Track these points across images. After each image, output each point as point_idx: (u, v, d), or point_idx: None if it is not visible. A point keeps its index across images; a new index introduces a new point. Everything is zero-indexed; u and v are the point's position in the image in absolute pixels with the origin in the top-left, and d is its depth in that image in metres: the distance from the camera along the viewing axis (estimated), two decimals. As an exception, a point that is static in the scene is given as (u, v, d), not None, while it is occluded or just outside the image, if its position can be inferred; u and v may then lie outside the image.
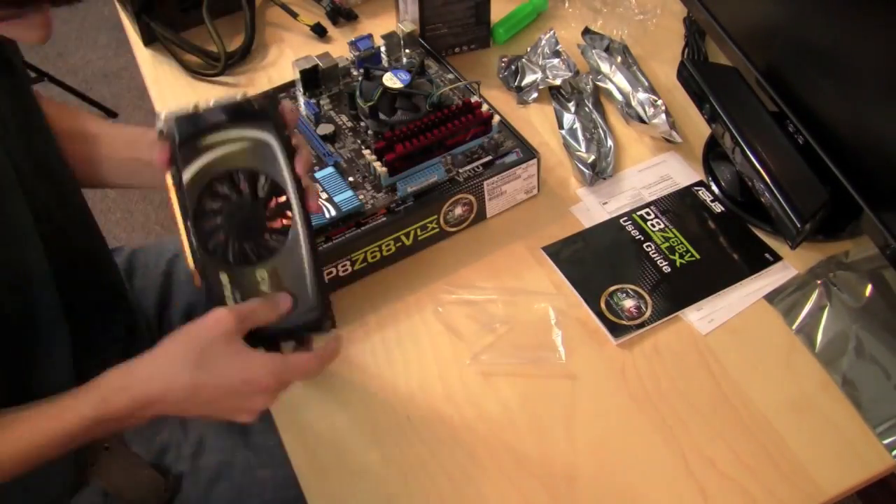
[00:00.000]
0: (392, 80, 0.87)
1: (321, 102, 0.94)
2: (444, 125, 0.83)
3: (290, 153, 0.65)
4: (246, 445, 0.84)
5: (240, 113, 0.64)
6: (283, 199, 0.65)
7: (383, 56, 0.96)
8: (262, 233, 0.64)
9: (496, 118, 0.87)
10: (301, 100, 0.94)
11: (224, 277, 0.63)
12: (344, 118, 0.92)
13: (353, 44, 0.96)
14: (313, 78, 0.94)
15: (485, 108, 0.86)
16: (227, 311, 0.62)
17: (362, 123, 0.91)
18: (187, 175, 0.63)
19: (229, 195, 0.64)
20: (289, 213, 0.65)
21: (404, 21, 1.00)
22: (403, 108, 0.87)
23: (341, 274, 0.83)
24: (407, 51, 0.98)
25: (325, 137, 0.89)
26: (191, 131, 0.63)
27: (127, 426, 0.65)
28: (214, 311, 0.62)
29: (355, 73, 0.96)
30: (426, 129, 0.83)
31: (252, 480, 0.83)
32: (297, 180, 0.65)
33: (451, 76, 0.95)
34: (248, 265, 0.64)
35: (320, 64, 0.93)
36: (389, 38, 0.96)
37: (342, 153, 0.88)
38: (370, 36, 0.96)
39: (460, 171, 0.86)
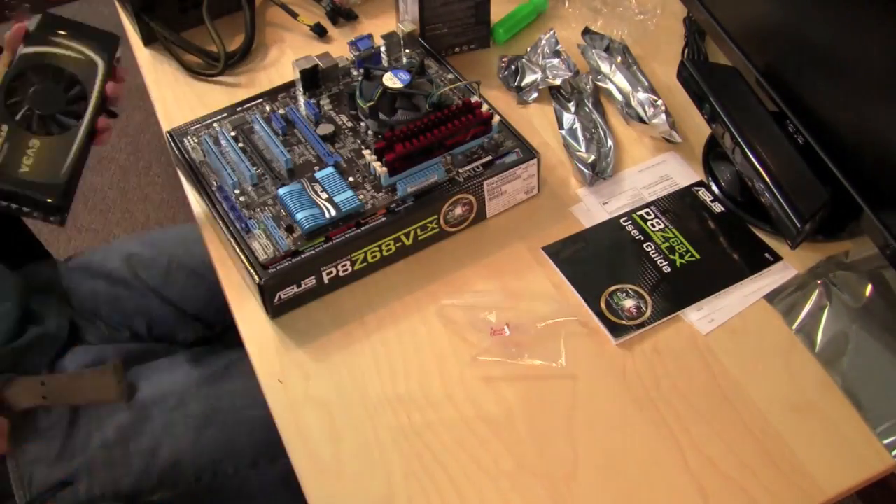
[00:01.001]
0: (392, 80, 0.87)
1: (321, 102, 0.94)
2: (444, 125, 0.83)
3: (107, 78, 0.82)
4: (232, 391, 0.85)
5: (91, 35, 0.84)
6: (83, 104, 0.81)
7: (383, 56, 0.96)
8: (53, 115, 0.78)
9: (496, 118, 0.87)
10: (301, 100, 0.94)
11: (4, 128, 0.76)
12: (344, 118, 0.92)
13: (353, 44, 0.96)
14: (313, 78, 0.94)
15: (485, 108, 0.86)
16: None
17: (362, 123, 0.91)
18: (27, 50, 0.80)
19: (46, 80, 0.80)
20: (81, 116, 0.80)
21: (404, 21, 1.00)
22: (403, 108, 0.87)
23: (341, 274, 0.83)
24: (407, 51, 0.98)
25: (325, 137, 0.89)
26: (50, 24, 0.82)
27: None
28: None
29: (355, 73, 0.96)
30: (426, 129, 0.83)
31: (240, 421, 0.84)
32: (101, 98, 0.81)
33: (451, 76, 0.95)
34: (29, 131, 0.77)
35: (320, 64, 0.93)
36: (389, 38, 0.96)
37: (342, 153, 0.88)
38: (370, 36, 0.96)
39: (460, 171, 0.86)
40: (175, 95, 1.06)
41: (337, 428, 0.75)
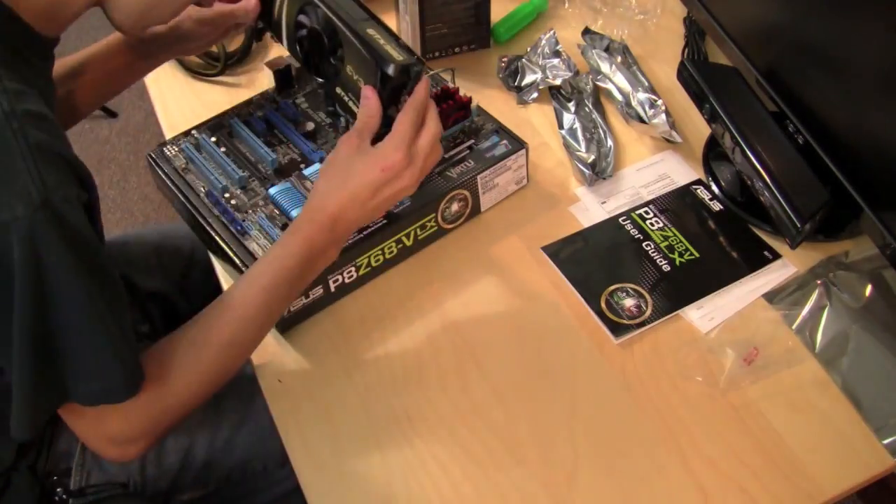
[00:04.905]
0: None
1: (297, 101, 0.93)
2: None
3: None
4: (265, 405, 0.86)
5: None
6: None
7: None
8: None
9: (474, 102, 0.87)
10: (278, 101, 0.94)
11: (338, 90, 0.78)
12: (321, 115, 0.92)
13: None
14: (287, 78, 0.93)
15: (462, 92, 0.86)
16: (347, 134, 0.73)
17: (341, 119, 0.91)
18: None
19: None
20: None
21: (404, 20, 1.00)
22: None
23: (347, 280, 0.82)
24: None
25: (306, 135, 0.89)
26: None
27: (328, 255, 0.74)
28: (341, 139, 0.74)
29: None
30: None
31: (272, 427, 0.84)
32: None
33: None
34: (339, 74, 0.77)
35: (293, 63, 0.93)
36: None
37: (325, 149, 0.88)
38: None
39: (452, 169, 0.86)
40: (175, 95, 1.06)
41: (337, 428, 0.75)
